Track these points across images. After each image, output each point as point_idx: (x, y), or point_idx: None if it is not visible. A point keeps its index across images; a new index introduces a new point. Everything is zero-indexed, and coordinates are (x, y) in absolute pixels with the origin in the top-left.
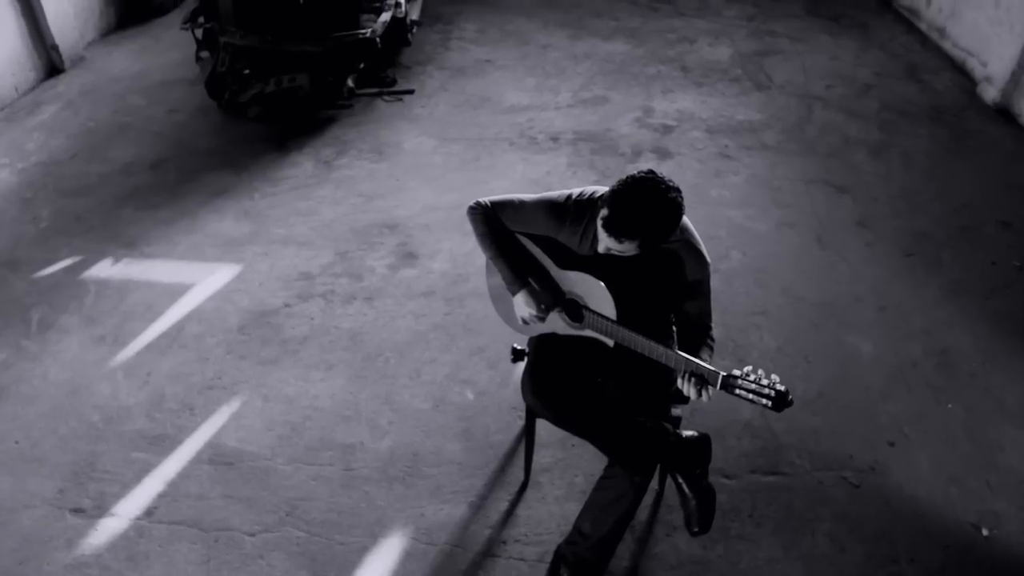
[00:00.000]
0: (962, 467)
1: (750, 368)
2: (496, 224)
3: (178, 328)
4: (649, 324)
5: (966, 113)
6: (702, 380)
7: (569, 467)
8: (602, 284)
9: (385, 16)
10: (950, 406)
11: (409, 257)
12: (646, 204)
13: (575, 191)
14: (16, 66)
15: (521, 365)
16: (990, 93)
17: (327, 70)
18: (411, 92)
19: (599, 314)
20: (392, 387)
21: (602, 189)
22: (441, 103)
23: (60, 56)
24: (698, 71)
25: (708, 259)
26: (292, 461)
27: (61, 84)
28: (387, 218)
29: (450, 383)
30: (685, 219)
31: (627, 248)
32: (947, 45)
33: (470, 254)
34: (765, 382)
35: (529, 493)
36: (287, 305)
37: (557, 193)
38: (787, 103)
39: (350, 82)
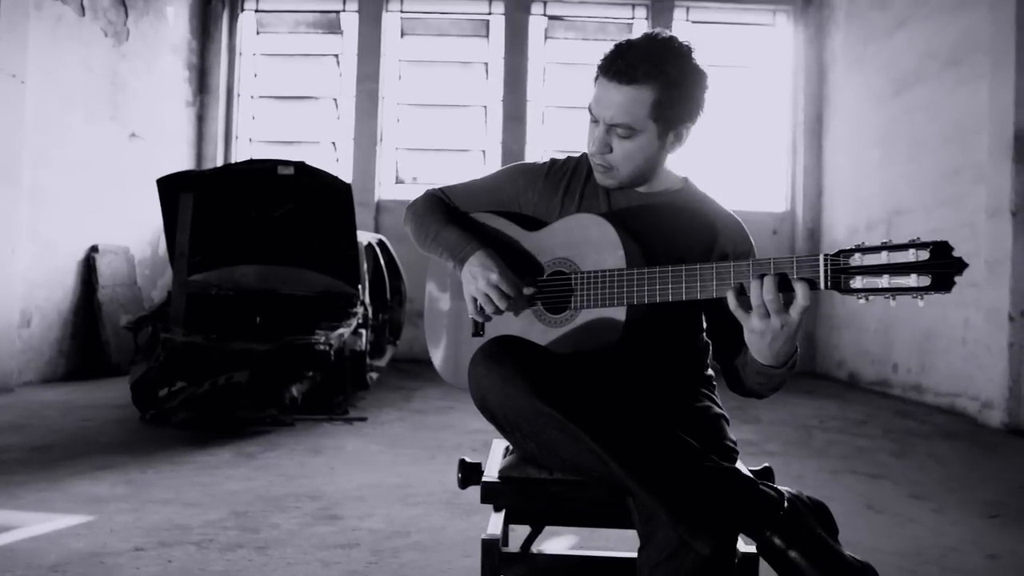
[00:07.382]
0: None
1: (863, 242)
2: (444, 205)
3: None
4: (666, 341)
5: (979, 434)
6: (784, 280)
7: None
8: (600, 219)
9: (343, 330)
10: None
11: (330, 519)
12: (653, 36)
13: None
14: None
15: (475, 494)
16: (996, 417)
17: (271, 371)
18: (363, 419)
19: (599, 273)
20: None
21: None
22: (397, 427)
23: None
24: None
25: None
26: None
27: None
28: (310, 491)
29: None
30: None
31: (635, 109)
32: (928, 397)
33: (415, 518)
34: (902, 242)
35: None
36: (138, 549)
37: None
38: (782, 430)
39: (295, 391)
